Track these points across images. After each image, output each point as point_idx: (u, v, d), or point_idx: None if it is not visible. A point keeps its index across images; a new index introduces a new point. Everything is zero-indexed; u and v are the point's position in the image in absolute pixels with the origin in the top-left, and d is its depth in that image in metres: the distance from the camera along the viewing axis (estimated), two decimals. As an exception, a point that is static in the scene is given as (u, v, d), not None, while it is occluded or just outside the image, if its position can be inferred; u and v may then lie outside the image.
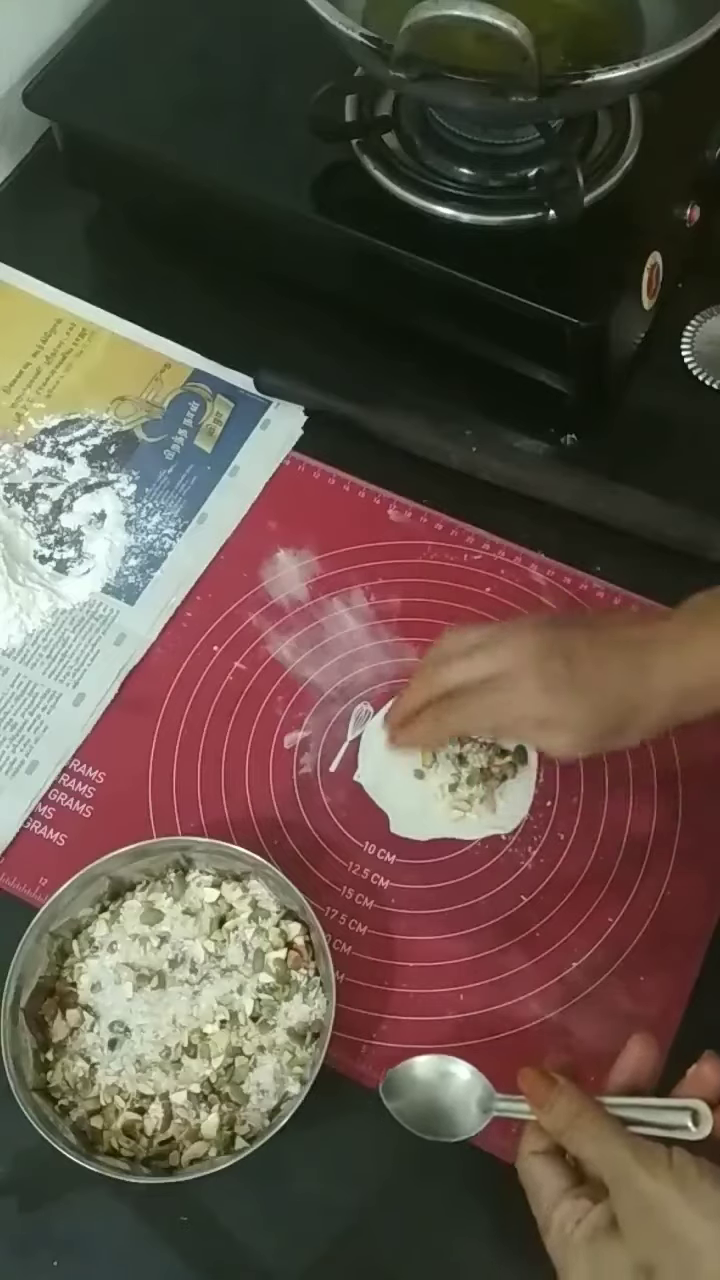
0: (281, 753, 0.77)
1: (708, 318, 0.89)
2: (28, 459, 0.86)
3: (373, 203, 0.83)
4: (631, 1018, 0.69)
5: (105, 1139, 0.65)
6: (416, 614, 0.80)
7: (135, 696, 0.79)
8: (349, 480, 0.85)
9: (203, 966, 0.68)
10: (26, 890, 0.73)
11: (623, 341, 0.84)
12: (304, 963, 0.68)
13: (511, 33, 0.66)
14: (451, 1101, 0.63)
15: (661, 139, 0.84)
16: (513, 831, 0.74)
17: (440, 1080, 0.64)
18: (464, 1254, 0.66)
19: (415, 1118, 0.63)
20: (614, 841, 0.74)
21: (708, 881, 0.72)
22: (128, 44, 0.91)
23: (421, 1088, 0.64)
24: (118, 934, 0.69)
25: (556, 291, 0.79)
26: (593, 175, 0.82)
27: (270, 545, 0.83)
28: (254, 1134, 0.64)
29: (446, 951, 0.71)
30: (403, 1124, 0.63)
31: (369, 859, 0.74)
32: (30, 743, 0.77)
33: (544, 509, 0.83)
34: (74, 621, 0.81)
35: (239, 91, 0.88)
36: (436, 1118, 0.63)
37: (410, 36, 0.68)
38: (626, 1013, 0.69)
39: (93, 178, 0.94)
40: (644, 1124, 0.56)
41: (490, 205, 0.81)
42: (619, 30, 0.79)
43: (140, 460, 0.86)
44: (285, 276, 0.88)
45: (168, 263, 0.93)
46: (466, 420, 0.85)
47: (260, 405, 0.88)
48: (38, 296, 0.92)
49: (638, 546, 0.81)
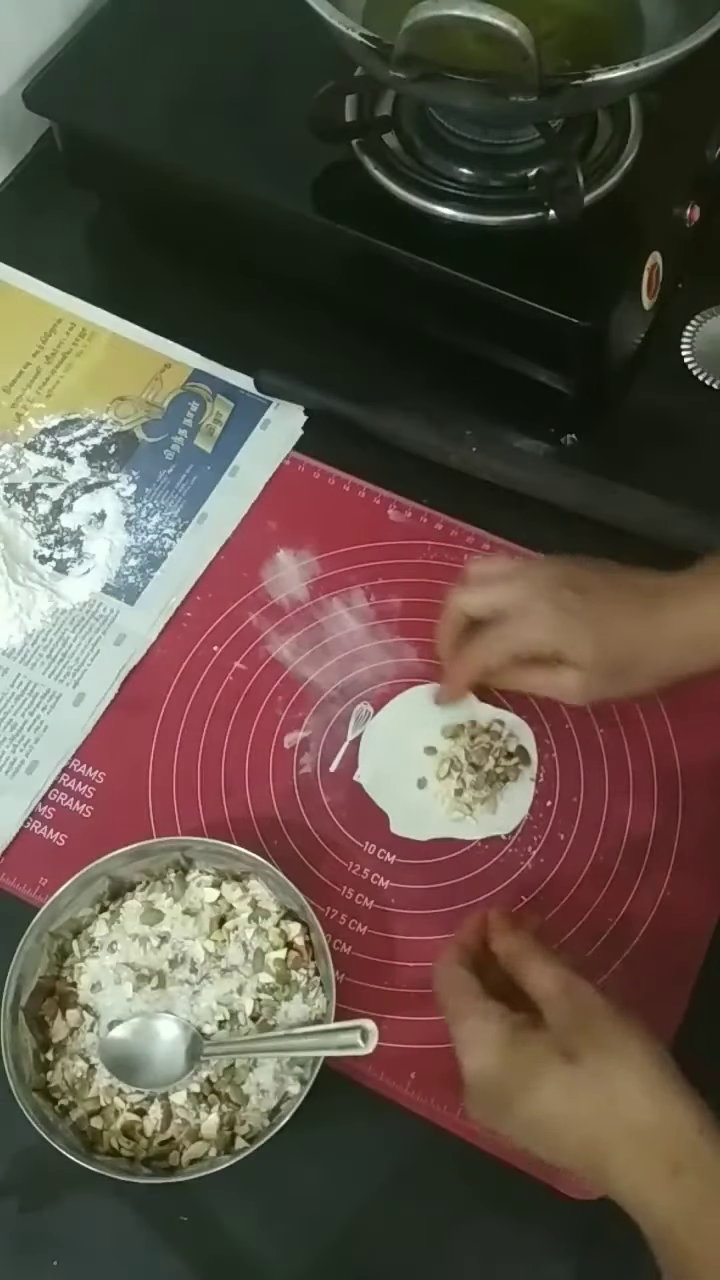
0: (281, 753, 0.77)
1: (708, 318, 0.89)
2: (28, 459, 0.86)
3: (373, 203, 0.83)
4: (631, 1017, 0.69)
5: (105, 1139, 0.65)
6: (416, 614, 0.80)
7: (135, 696, 0.79)
8: (349, 480, 0.85)
9: (203, 966, 0.68)
10: (26, 890, 0.73)
11: (623, 341, 0.84)
12: (304, 963, 0.68)
13: (511, 33, 0.66)
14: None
15: (661, 139, 0.84)
16: (513, 831, 0.74)
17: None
18: (464, 1254, 0.66)
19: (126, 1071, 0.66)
20: (614, 841, 0.74)
21: (708, 881, 0.73)
22: (128, 44, 0.91)
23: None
24: (118, 934, 0.69)
25: (556, 291, 0.79)
26: (593, 175, 0.82)
27: (270, 545, 0.83)
28: (254, 1134, 0.64)
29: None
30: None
31: (369, 859, 0.74)
32: (30, 743, 0.77)
33: (544, 509, 0.83)
34: (74, 621, 0.81)
35: (239, 91, 0.88)
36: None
37: (410, 36, 0.68)
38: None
39: (93, 178, 0.94)
40: (321, 1046, 0.63)
41: (490, 205, 0.81)
42: (619, 30, 0.79)
43: (140, 460, 0.86)
44: (285, 276, 0.88)
45: (167, 262, 0.93)
46: (466, 420, 0.85)
47: (260, 405, 0.88)
48: (38, 296, 0.92)
49: (638, 546, 0.81)
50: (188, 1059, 0.65)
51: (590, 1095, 0.55)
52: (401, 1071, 0.68)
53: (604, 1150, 0.55)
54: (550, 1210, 0.65)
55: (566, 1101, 0.56)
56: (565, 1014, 0.58)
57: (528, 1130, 0.57)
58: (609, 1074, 0.55)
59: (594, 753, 0.76)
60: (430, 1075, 0.68)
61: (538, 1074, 0.56)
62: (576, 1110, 0.56)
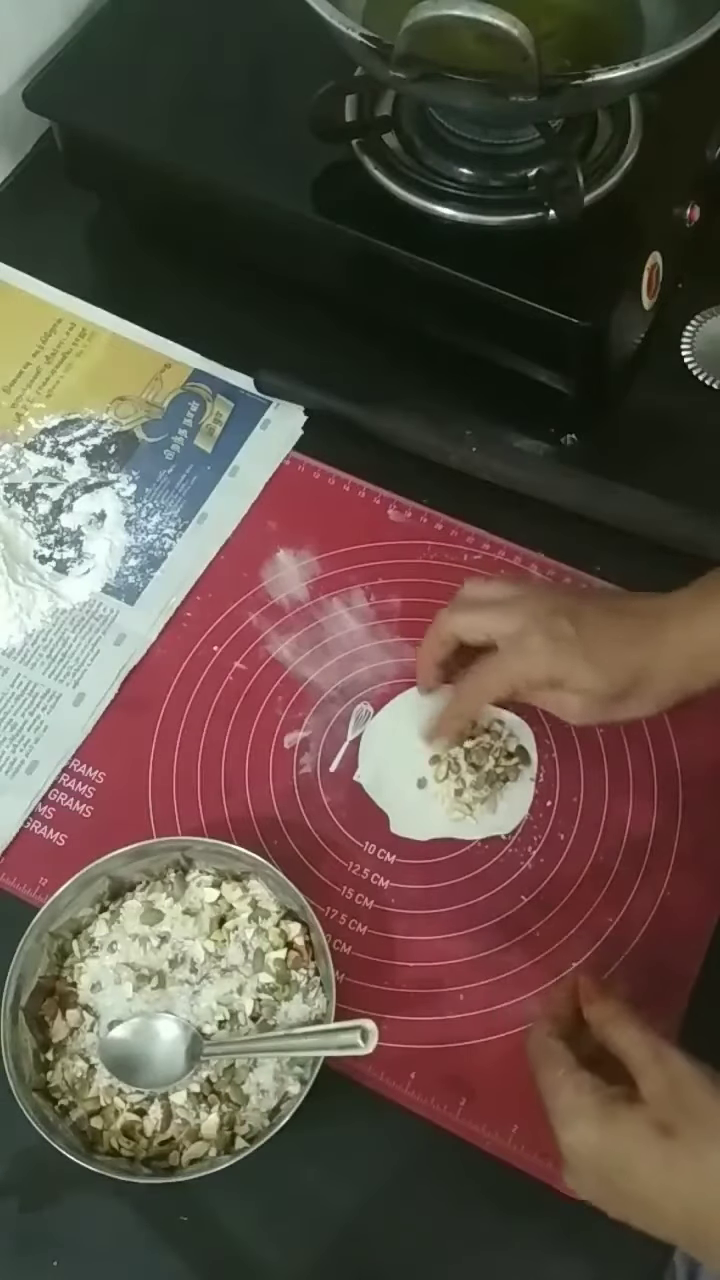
0: (281, 753, 0.77)
1: (708, 318, 0.89)
2: (28, 459, 0.86)
3: (373, 203, 0.83)
4: (631, 1018, 0.69)
5: (105, 1139, 0.65)
6: (416, 614, 0.80)
7: (135, 696, 0.79)
8: (349, 480, 0.85)
9: (203, 966, 0.68)
10: (26, 890, 0.73)
11: (623, 341, 0.84)
12: (304, 963, 0.68)
13: (511, 33, 0.66)
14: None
15: (661, 139, 0.84)
16: (513, 832, 0.74)
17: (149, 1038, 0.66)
18: (464, 1254, 0.66)
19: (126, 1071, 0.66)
20: (614, 841, 0.74)
21: (708, 881, 0.73)
22: (128, 44, 0.91)
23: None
24: (118, 934, 0.69)
25: (556, 291, 0.79)
26: (593, 175, 0.82)
27: (270, 545, 0.83)
28: (254, 1134, 0.64)
29: (446, 951, 0.71)
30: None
31: (369, 859, 0.74)
32: (30, 743, 0.77)
33: (544, 509, 0.83)
34: (74, 621, 0.81)
35: (239, 91, 0.88)
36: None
37: (410, 36, 0.68)
38: (626, 1013, 0.69)
39: (93, 178, 0.94)
40: (321, 1046, 0.63)
41: (490, 205, 0.81)
42: (619, 30, 0.79)
43: (140, 460, 0.86)
44: (285, 276, 0.88)
45: (168, 262, 0.93)
46: (466, 420, 0.85)
47: (260, 405, 0.88)
48: (38, 296, 0.92)
49: (638, 546, 0.81)
50: (188, 1059, 0.65)
51: (689, 1169, 0.55)
52: (401, 1071, 0.68)
53: (703, 1225, 0.55)
54: (550, 1210, 0.65)
55: (665, 1177, 0.55)
56: (660, 1085, 0.57)
57: (628, 1205, 0.57)
58: (706, 1148, 0.55)
59: (594, 753, 0.76)
60: (430, 1075, 0.68)
61: (636, 1151, 0.56)
62: (676, 1186, 0.55)
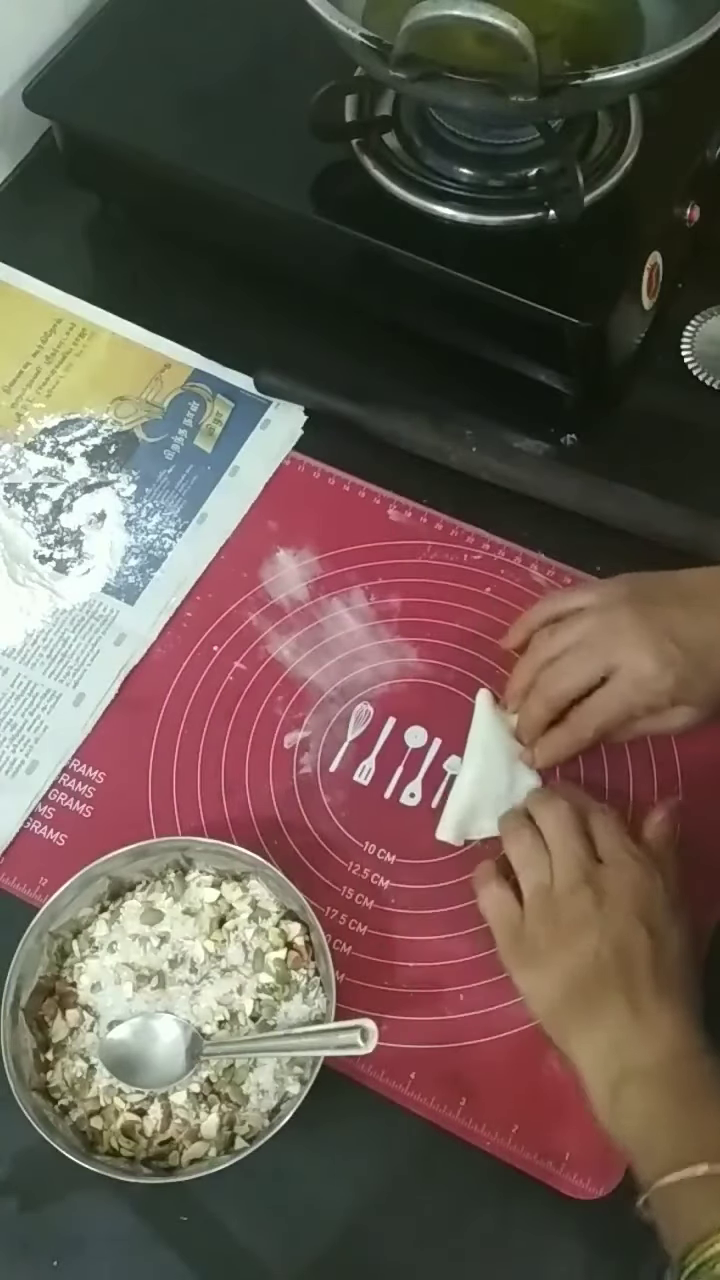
0: (281, 753, 0.77)
1: (708, 318, 0.89)
2: (28, 459, 0.86)
3: (373, 203, 0.83)
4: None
5: (105, 1139, 0.65)
6: (416, 614, 0.80)
7: (135, 696, 0.79)
8: (349, 480, 0.85)
9: (203, 966, 0.68)
10: (26, 890, 0.73)
11: (623, 341, 0.84)
12: (304, 963, 0.68)
13: (511, 33, 0.66)
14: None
15: (661, 139, 0.84)
16: (513, 831, 0.74)
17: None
18: (464, 1254, 0.66)
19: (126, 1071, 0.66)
20: (614, 841, 0.74)
21: (708, 881, 0.72)
22: (128, 44, 0.91)
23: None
24: (118, 934, 0.69)
25: (556, 291, 0.79)
26: (593, 175, 0.82)
27: (270, 545, 0.83)
28: (254, 1134, 0.64)
29: (446, 951, 0.71)
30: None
31: (369, 859, 0.74)
32: (30, 743, 0.77)
33: (544, 509, 0.83)
34: (74, 621, 0.81)
35: (239, 92, 0.88)
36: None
37: (410, 36, 0.68)
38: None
39: (93, 178, 0.94)
40: (321, 1046, 0.63)
41: (490, 205, 0.82)
42: (619, 30, 0.79)
43: (140, 460, 0.86)
44: (285, 276, 0.88)
45: (168, 263, 0.93)
46: (466, 420, 0.85)
47: (260, 405, 0.88)
48: (38, 296, 0.92)
49: (638, 546, 0.81)
50: (188, 1059, 0.65)
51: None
52: (401, 1071, 0.68)
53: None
54: (550, 1210, 0.65)
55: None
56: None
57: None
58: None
59: (594, 752, 0.76)
60: (430, 1075, 0.68)
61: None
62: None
